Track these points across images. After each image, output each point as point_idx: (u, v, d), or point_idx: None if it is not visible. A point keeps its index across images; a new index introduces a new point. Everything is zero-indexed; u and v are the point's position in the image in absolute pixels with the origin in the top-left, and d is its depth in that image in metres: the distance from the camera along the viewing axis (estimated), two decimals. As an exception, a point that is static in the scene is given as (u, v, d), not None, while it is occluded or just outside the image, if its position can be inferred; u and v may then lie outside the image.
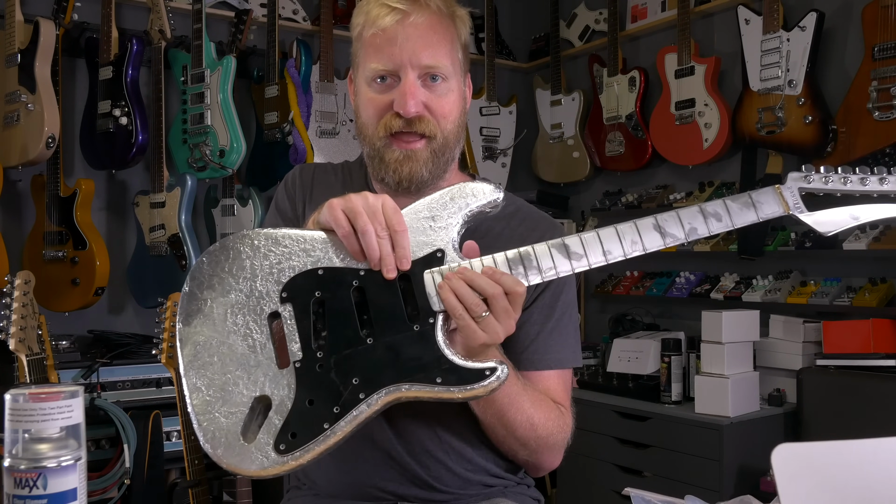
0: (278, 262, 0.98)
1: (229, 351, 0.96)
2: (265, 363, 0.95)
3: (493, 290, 0.93)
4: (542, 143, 3.70)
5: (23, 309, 2.13)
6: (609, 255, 0.97)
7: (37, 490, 0.71)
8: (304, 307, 0.96)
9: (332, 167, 1.34)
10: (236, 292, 0.98)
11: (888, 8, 2.43)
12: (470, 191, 1.00)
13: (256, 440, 0.92)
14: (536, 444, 1.16)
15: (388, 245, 0.95)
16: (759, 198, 1.00)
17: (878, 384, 2.33)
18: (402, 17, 1.12)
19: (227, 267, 0.99)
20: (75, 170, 2.86)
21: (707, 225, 0.98)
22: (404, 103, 1.12)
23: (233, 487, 2.49)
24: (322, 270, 0.97)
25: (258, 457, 0.92)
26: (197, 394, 0.95)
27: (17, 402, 0.73)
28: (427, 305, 0.95)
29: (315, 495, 1.23)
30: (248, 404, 0.94)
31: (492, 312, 0.94)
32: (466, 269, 0.95)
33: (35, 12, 2.64)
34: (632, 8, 3.41)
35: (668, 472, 2.58)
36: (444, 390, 0.93)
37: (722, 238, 2.93)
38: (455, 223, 0.99)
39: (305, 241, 0.99)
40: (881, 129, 2.45)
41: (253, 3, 3.11)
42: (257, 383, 0.94)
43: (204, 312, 0.98)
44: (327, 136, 3.08)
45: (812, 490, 0.84)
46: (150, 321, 2.53)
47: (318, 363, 0.94)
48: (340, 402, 0.93)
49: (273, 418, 0.93)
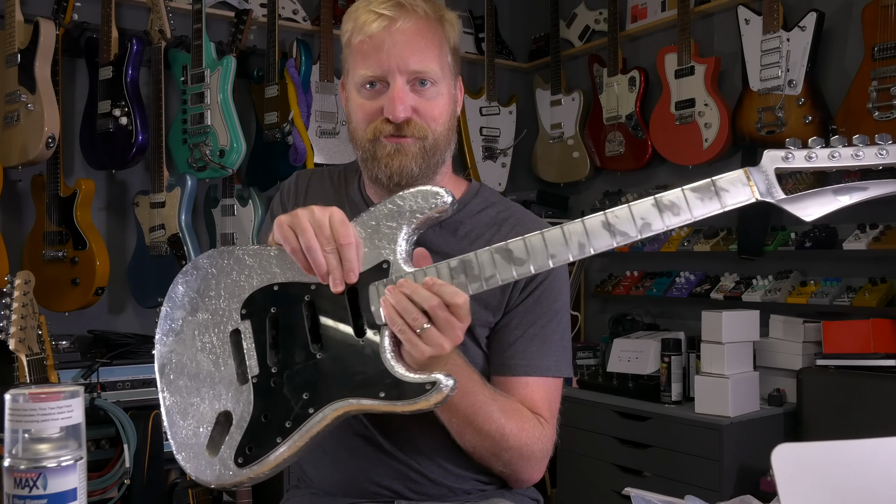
0: (240, 279, 1.01)
1: (197, 368, 1.00)
2: (227, 379, 0.99)
3: (430, 301, 0.91)
4: (542, 143, 3.70)
5: (23, 309, 2.13)
6: (554, 259, 0.91)
7: (37, 490, 0.71)
8: (260, 323, 0.99)
9: (329, 172, 1.34)
10: (202, 311, 1.02)
11: (888, 8, 2.43)
12: (416, 196, 0.98)
13: (219, 454, 0.96)
14: (510, 456, 1.14)
15: (334, 259, 0.95)
16: (723, 184, 0.90)
17: (878, 384, 2.33)
18: (389, 24, 1.12)
19: (195, 286, 1.03)
20: (75, 170, 2.86)
21: (662, 219, 0.90)
22: (393, 108, 1.12)
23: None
24: (277, 286, 1.00)
25: (220, 470, 0.96)
26: (169, 409, 1.00)
27: (17, 402, 0.73)
28: (371, 319, 0.95)
29: (313, 494, 1.24)
30: (212, 420, 0.98)
31: (434, 324, 0.92)
32: (406, 282, 0.94)
33: (35, 12, 2.64)
34: (632, 8, 3.41)
35: (668, 472, 2.58)
36: (388, 404, 0.92)
37: (722, 238, 2.93)
38: (402, 232, 0.97)
39: (263, 258, 1.01)
40: (881, 129, 2.43)
41: (253, 3, 3.11)
42: (220, 399, 0.98)
43: (175, 332, 1.02)
44: (327, 136, 3.08)
45: (812, 490, 0.84)
46: (150, 321, 2.53)
47: (272, 378, 0.97)
48: (292, 416, 0.95)
49: (234, 433, 0.96)
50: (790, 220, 2.84)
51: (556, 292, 1.23)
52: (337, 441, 1.18)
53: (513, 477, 1.21)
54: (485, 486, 1.22)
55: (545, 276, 1.19)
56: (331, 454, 1.21)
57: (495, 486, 1.24)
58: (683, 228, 3.10)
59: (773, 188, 0.91)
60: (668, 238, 3.11)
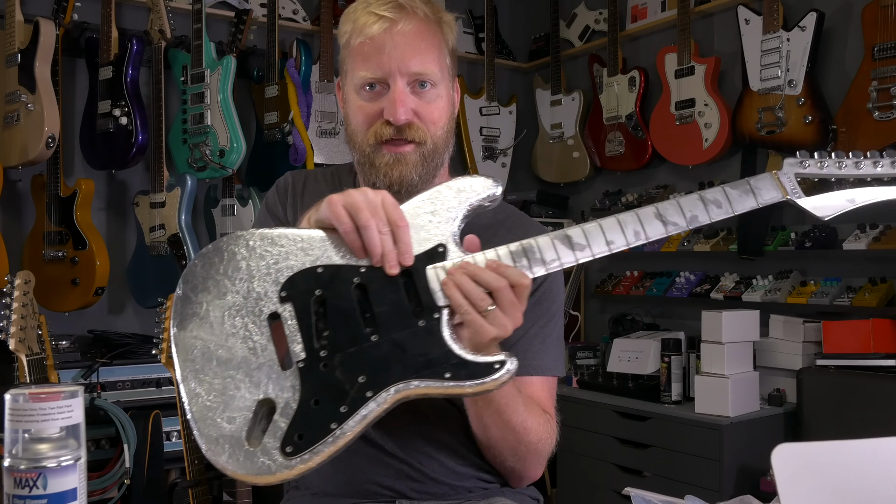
0: (275, 261, 0.96)
1: (228, 354, 0.93)
2: (267, 365, 0.93)
3: (497, 283, 0.93)
4: (541, 143, 3.70)
5: (23, 309, 2.13)
6: (612, 245, 0.96)
7: (37, 490, 0.71)
8: (304, 306, 0.94)
9: (322, 174, 1.34)
10: (233, 294, 0.95)
11: (888, 8, 2.43)
12: (469, 185, 0.99)
13: (262, 444, 0.90)
14: (526, 450, 1.15)
15: (389, 240, 0.94)
16: (757, 184, 1.00)
17: (878, 384, 2.33)
18: (390, 25, 1.12)
19: (221, 269, 0.97)
20: (75, 170, 2.86)
21: (708, 212, 0.98)
22: (394, 111, 1.12)
23: (233, 487, 2.49)
24: (321, 268, 0.96)
25: (264, 461, 0.89)
26: (196, 400, 0.92)
27: (17, 402, 0.73)
28: (431, 301, 0.94)
29: (314, 495, 1.23)
30: (251, 408, 0.91)
31: (498, 306, 0.93)
32: (469, 264, 0.94)
33: (35, 12, 2.64)
34: (632, 8, 3.41)
35: (668, 472, 2.58)
36: (454, 385, 0.91)
37: (722, 238, 2.93)
38: (455, 217, 0.98)
39: (302, 240, 0.97)
40: (881, 129, 2.45)
41: (253, 3, 3.11)
42: (260, 386, 0.92)
43: (200, 315, 0.95)
44: (327, 136, 3.08)
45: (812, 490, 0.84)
46: (150, 321, 2.53)
47: (321, 362, 0.92)
48: (347, 401, 0.90)
49: (278, 421, 0.90)
50: (790, 220, 2.84)
51: (555, 294, 1.24)
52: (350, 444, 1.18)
53: (520, 473, 1.21)
54: (487, 484, 1.22)
55: (545, 279, 1.20)
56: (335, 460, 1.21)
57: (497, 485, 1.24)
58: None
59: (796, 190, 1.00)
60: (668, 238, 3.11)
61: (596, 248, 0.96)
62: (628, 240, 0.96)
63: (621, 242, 0.96)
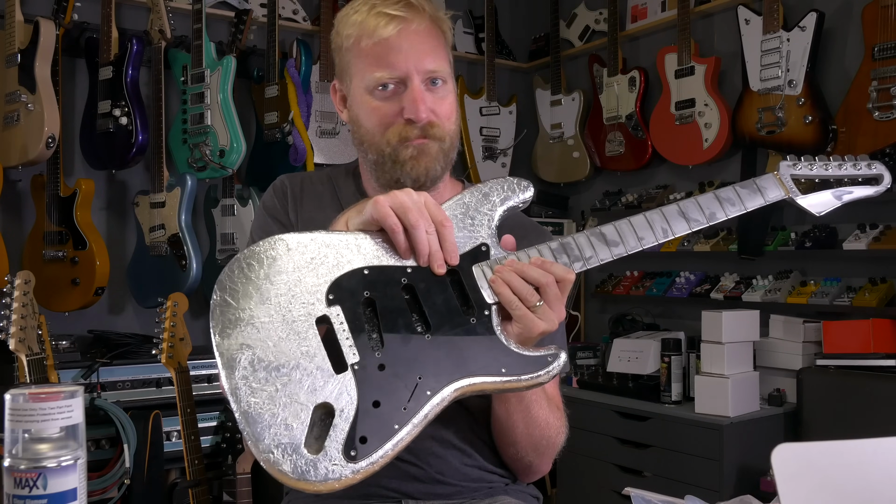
0: (319, 265, 0.95)
1: (279, 360, 0.90)
2: (320, 370, 0.91)
3: (545, 279, 0.95)
4: (542, 143, 3.70)
5: (23, 309, 2.13)
6: (643, 241, 1.01)
7: (37, 490, 0.71)
8: (353, 308, 0.94)
9: (317, 176, 1.34)
10: (277, 298, 0.93)
11: (888, 8, 2.43)
12: (505, 186, 1.03)
13: (323, 450, 0.87)
14: (546, 444, 1.17)
15: (436, 240, 0.96)
16: (762, 183, 1.08)
17: (878, 384, 2.33)
18: (405, 25, 1.13)
19: (262, 273, 0.94)
20: (75, 170, 2.86)
21: (724, 210, 1.04)
22: (416, 110, 1.13)
23: (233, 487, 2.49)
24: (367, 270, 0.96)
25: (327, 467, 0.87)
26: (248, 409, 0.88)
27: (17, 402, 0.73)
28: (480, 298, 0.96)
29: (316, 497, 1.23)
30: (308, 414, 0.89)
31: (545, 301, 0.96)
32: (516, 261, 0.98)
33: (35, 12, 2.63)
34: (632, 8, 3.41)
35: (668, 472, 2.58)
36: (510, 380, 0.93)
37: (722, 238, 2.93)
38: (493, 218, 1.02)
39: (344, 243, 0.97)
40: (881, 129, 2.45)
41: (253, 3, 3.11)
42: (315, 391, 0.89)
43: (244, 321, 0.92)
44: (327, 136, 3.08)
45: (812, 490, 0.84)
46: (150, 321, 2.53)
47: (377, 363, 0.92)
48: (409, 400, 0.90)
49: (338, 425, 0.88)
50: (790, 220, 2.84)
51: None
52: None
53: (536, 468, 1.22)
54: (491, 483, 1.22)
55: None
56: None
57: (501, 484, 1.24)
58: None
59: (794, 189, 1.10)
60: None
61: (629, 244, 1.00)
62: (657, 236, 1.01)
63: (651, 239, 1.01)
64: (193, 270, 2.69)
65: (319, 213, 1.25)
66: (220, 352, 0.91)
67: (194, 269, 2.70)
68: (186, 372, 2.33)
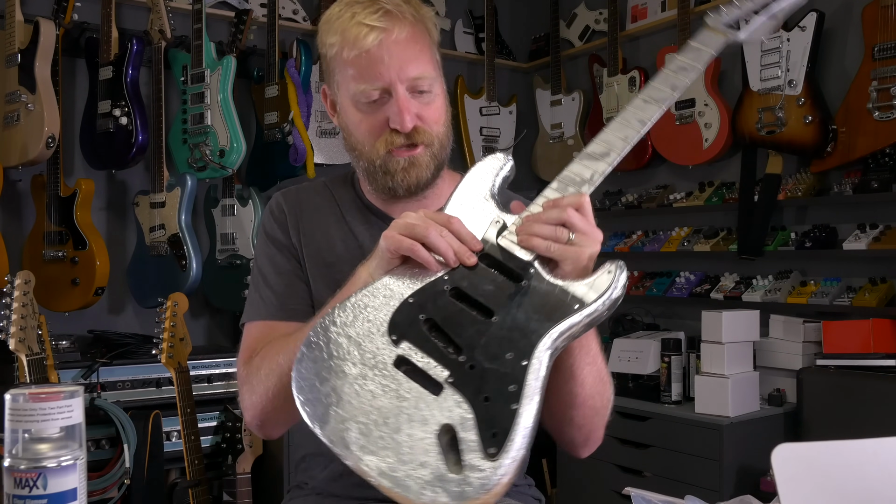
0: (369, 320, 0.98)
1: (382, 416, 0.93)
2: (422, 402, 0.93)
3: (562, 214, 0.96)
4: (542, 143, 3.70)
5: (23, 309, 2.13)
6: (628, 139, 1.01)
7: (37, 490, 0.71)
8: (419, 335, 0.96)
9: (314, 187, 1.33)
10: (350, 366, 0.96)
11: (888, 8, 2.43)
12: (489, 163, 1.06)
13: (466, 464, 0.88)
14: (608, 402, 1.17)
15: (453, 238, 0.97)
16: (701, 39, 1.13)
17: (878, 384, 2.33)
18: (385, 36, 1.12)
19: (326, 354, 0.98)
20: (75, 170, 2.86)
21: (683, 77, 1.07)
22: (402, 120, 1.13)
23: (233, 487, 2.49)
24: (411, 298, 0.98)
25: (478, 477, 0.87)
26: (381, 471, 0.91)
27: (17, 402, 0.73)
28: (519, 262, 0.97)
29: (318, 495, 1.23)
30: (435, 444, 0.90)
31: (575, 232, 0.96)
32: (530, 214, 0.98)
33: (35, 12, 2.64)
34: (632, 8, 3.41)
35: (668, 472, 2.58)
36: (588, 310, 0.93)
37: (722, 238, 2.93)
38: (494, 193, 1.04)
39: (378, 291, 1.00)
40: (881, 129, 2.45)
41: (253, 3, 3.11)
42: (428, 422, 0.91)
43: (335, 403, 0.95)
44: (327, 136, 3.08)
45: (812, 490, 0.84)
46: (150, 321, 2.53)
47: (466, 366, 0.93)
48: (511, 378, 0.91)
49: (465, 437, 0.90)
50: (790, 220, 2.84)
51: None
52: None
53: (598, 433, 1.21)
54: None
55: None
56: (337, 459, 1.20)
57: None
58: (683, 228, 3.10)
59: (731, 31, 1.15)
60: (668, 238, 3.11)
61: (617, 147, 1.01)
62: (637, 129, 1.02)
63: (633, 134, 1.01)
64: (193, 270, 2.69)
65: (321, 224, 1.26)
66: (329, 440, 0.93)
67: (194, 269, 2.70)
68: (186, 372, 2.33)
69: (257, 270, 1.27)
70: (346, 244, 1.24)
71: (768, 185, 2.77)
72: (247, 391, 1.16)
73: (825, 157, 2.62)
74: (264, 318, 1.22)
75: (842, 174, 2.65)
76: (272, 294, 1.23)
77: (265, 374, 1.12)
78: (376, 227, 1.23)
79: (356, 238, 1.25)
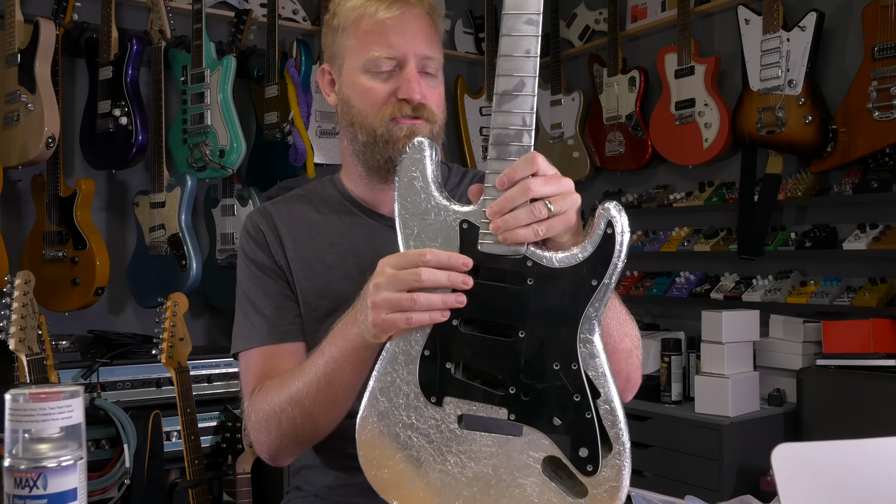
0: (404, 393, 0.93)
1: (483, 483, 0.91)
2: (507, 449, 0.90)
3: (523, 187, 0.88)
4: (541, 143, 3.70)
5: (23, 309, 2.13)
6: (529, 52, 0.91)
7: (37, 490, 0.71)
8: (458, 385, 0.91)
9: (290, 198, 1.30)
10: (407, 451, 0.93)
11: (888, 8, 2.43)
12: (411, 165, 0.95)
13: (587, 484, 0.88)
14: (636, 345, 1.12)
15: (437, 274, 0.90)
16: None
17: (878, 384, 2.33)
18: (407, 9, 1.15)
19: (387, 433, 0.94)
20: (75, 170, 2.86)
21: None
22: (411, 90, 1.14)
23: (233, 487, 2.49)
24: (427, 352, 0.92)
25: (603, 486, 0.87)
26: None
27: (17, 402, 0.73)
28: (514, 262, 0.89)
29: (315, 496, 1.23)
30: (545, 480, 0.89)
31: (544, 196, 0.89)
32: (491, 206, 0.89)
33: (35, 12, 2.64)
34: (632, 8, 3.41)
35: (668, 472, 2.58)
36: (605, 278, 0.87)
37: (722, 238, 2.93)
38: (437, 196, 0.93)
39: (392, 359, 0.94)
40: (881, 129, 2.45)
41: (253, 3, 3.11)
42: (527, 465, 0.90)
43: (435, 493, 0.93)
44: (327, 136, 3.08)
45: (812, 490, 0.84)
46: (150, 321, 2.53)
47: (520, 395, 0.89)
48: (570, 388, 0.88)
49: (564, 461, 0.88)
50: (790, 220, 2.84)
51: None
52: (342, 449, 1.17)
53: (635, 373, 1.16)
54: None
55: None
56: (335, 460, 1.20)
57: None
58: (683, 228, 3.10)
59: None
60: (668, 238, 3.11)
61: (522, 69, 0.92)
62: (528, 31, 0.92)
63: (531, 43, 0.91)
64: (193, 270, 2.69)
65: (304, 235, 1.24)
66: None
67: (194, 269, 2.70)
68: (186, 372, 2.33)
69: (243, 296, 1.23)
70: (335, 248, 1.22)
71: (768, 185, 2.77)
72: (257, 430, 1.13)
73: (825, 157, 2.62)
74: (258, 344, 1.19)
75: (842, 174, 2.65)
76: (262, 319, 1.20)
77: (278, 422, 1.09)
78: (362, 222, 1.23)
79: (346, 239, 1.23)
